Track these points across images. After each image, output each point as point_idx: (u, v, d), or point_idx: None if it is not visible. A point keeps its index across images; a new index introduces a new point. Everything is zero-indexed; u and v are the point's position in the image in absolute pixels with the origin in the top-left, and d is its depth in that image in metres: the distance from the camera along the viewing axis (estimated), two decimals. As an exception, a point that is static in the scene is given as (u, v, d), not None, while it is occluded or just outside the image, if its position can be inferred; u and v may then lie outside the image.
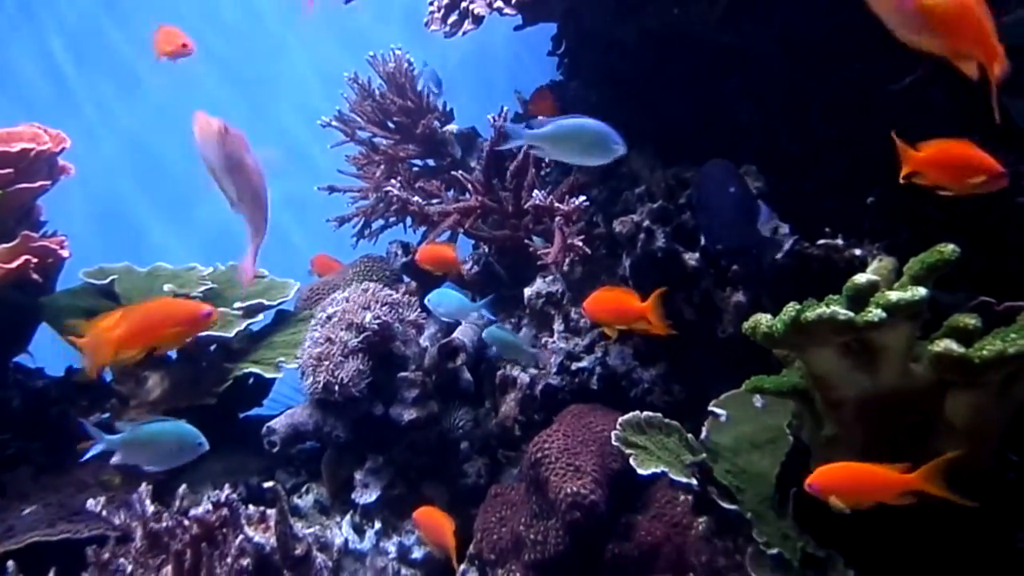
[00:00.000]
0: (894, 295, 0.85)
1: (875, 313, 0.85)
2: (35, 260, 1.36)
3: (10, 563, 1.05)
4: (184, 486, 1.11)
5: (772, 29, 1.34)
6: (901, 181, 1.02)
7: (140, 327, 1.08)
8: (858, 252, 1.16)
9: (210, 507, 0.99)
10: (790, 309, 0.91)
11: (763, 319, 0.95)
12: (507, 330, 1.41)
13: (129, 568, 0.94)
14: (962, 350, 0.83)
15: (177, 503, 1.08)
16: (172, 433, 1.12)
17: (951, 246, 0.89)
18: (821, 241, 1.19)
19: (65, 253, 1.46)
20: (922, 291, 0.85)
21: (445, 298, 1.40)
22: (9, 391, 1.51)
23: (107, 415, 1.50)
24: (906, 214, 1.21)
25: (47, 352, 1.63)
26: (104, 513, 1.06)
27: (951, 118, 1.12)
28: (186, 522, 1.00)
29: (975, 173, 0.98)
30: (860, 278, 0.89)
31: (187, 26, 1.64)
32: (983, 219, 1.15)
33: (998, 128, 0.87)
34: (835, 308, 0.86)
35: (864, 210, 1.24)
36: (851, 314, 0.85)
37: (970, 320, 0.87)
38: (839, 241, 1.17)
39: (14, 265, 1.32)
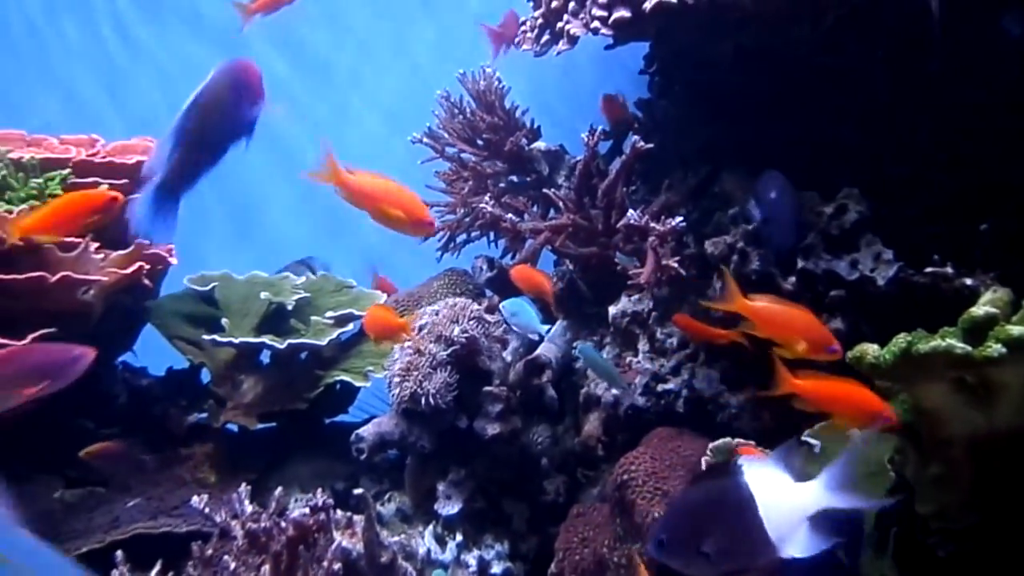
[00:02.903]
0: (1016, 330, 0.81)
1: (995, 348, 0.81)
2: (147, 266, 1.44)
3: (119, 552, 1.11)
4: (280, 488, 1.15)
5: (877, 50, 1.30)
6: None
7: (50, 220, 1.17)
8: (969, 282, 1.11)
9: (307, 511, 1.03)
10: (900, 340, 0.88)
11: (870, 349, 0.91)
12: (601, 356, 1.41)
13: (232, 565, 0.98)
14: (1092, 391, 0.79)
15: (273, 505, 1.12)
16: None
17: (1079, 279, 0.85)
18: (928, 269, 1.14)
19: (173, 260, 1.54)
20: (1049, 326, 0.80)
21: (521, 311, 1.41)
22: (116, 388, 1.60)
23: (205, 414, 1.58)
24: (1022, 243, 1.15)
25: (151, 352, 1.73)
26: (206, 510, 1.11)
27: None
28: (283, 523, 1.03)
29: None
30: (978, 310, 0.85)
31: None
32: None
33: None
34: (951, 341, 0.82)
35: (975, 238, 1.19)
36: (969, 348, 0.82)
37: (1100, 359, 0.82)
38: (948, 269, 1.12)
39: (129, 271, 1.40)
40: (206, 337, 1.56)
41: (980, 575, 0.94)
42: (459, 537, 1.37)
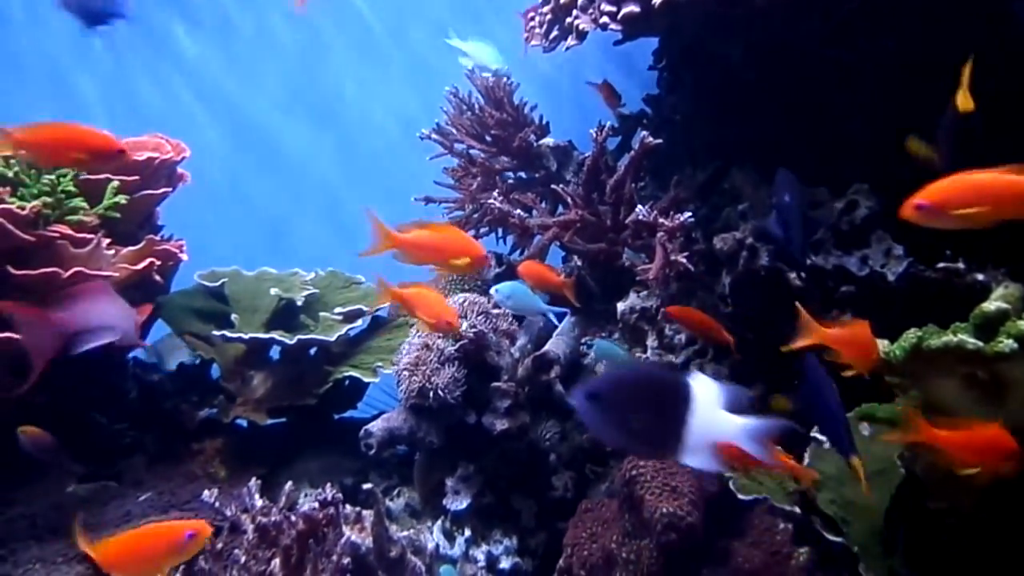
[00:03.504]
0: (1028, 325, 0.81)
1: (1006, 344, 0.81)
2: (158, 262, 1.45)
3: (130, 546, 1.11)
4: (290, 483, 1.16)
5: (888, 44, 1.29)
6: None
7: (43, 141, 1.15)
8: (981, 277, 1.10)
9: (316, 505, 1.03)
10: (911, 335, 0.87)
11: (880, 344, 0.91)
12: (618, 344, 1.41)
13: (243, 559, 0.99)
14: (1105, 387, 0.78)
15: (283, 499, 1.12)
16: None
17: (1092, 275, 0.84)
18: (940, 264, 1.13)
19: (184, 256, 1.54)
20: (1061, 322, 0.80)
21: (515, 292, 1.40)
22: (128, 383, 1.60)
23: (215, 410, 1.58)
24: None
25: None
26: (217, 504, 1.12)
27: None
28: (293, 518, 1.04)
29: None
30: (989, 305, 0.85)
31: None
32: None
33: None
34: (962, 337, 0.82)
35: (986, 234, 1.18)
36: (980, 343, 0.81)
37: (1113, 355, 0.82)
38: (960, 265, 1.12)
39: (140, 267, 1.40)
40: (216, 333, 1.57)
41: (991, 571, 0.94)
42: (468, 532, 1.37)
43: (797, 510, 1.06)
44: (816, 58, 1.39)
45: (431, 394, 1.36)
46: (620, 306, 1.52)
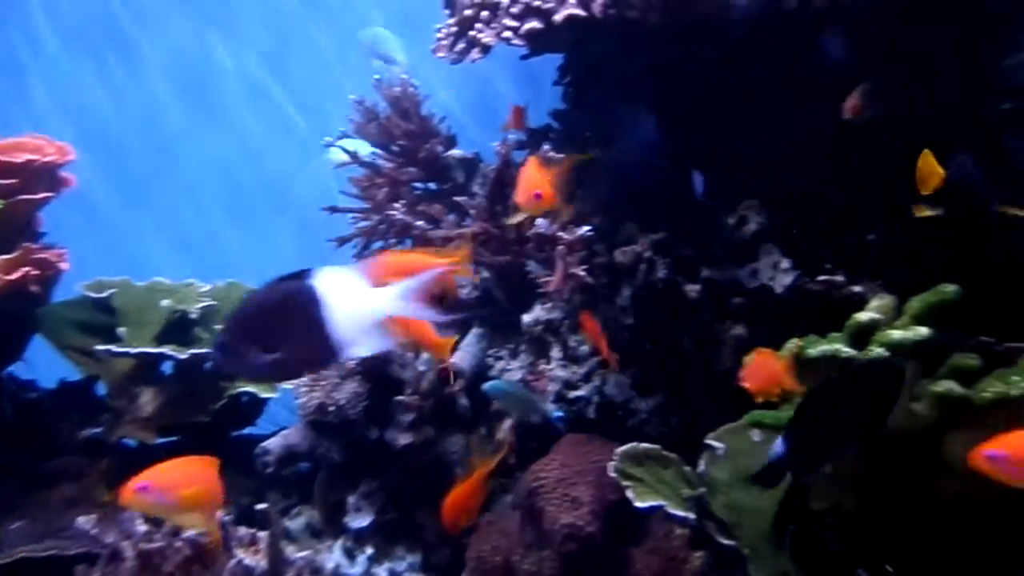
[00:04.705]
0: (896, 334, 0.86)
1: (877, 352, 0.86)
2: (35, 272, 1.35)
3: (-4, 579, 1.03)
4: (176, 506, 1.09)
5: (777, 67, 1.36)
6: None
7: None
8: (858, 289, 1.17)
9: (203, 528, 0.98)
10: (791, 345, 0.92)
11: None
12: (512, 383, 1.40)
13: (119, 589, 0.93)
14: (964, 391, 0.84)
15: (168, 523, 1.06)
16: None
17: (953, 287, 0.91)
18: (821, 277, 1.20)
19: (65, 266, 1.45)
20: (924, 330, 0.86)
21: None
22: (2, 401, 1.49)
23: (100, 429, 1.49)
24: (907, 253, 1.22)
25: (41, 364, 1.62)
26: (95, 532, 1.05)
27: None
28: (178, 543, 0.98)
29: None
30: (862, 316, 0.90)
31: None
32: (983, 259, 1.16)
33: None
34: (837, 346, 0.87)
35: (865, 248, 1.26)
36: (853, 352, 0.86)
37: (971, 360, 0.88)
38: (839, 277, 1.18)
39: (14, 276, 1.31)
40: (100, 347, 1.48)
41: (871, 569, 0.99)
42: (369, 550, 1.34)
43: (692, 516, 1.09)
44: (710, 79, 1.45)
45: (331, 410, 1.33)
46: (525, 318, 1.52)
